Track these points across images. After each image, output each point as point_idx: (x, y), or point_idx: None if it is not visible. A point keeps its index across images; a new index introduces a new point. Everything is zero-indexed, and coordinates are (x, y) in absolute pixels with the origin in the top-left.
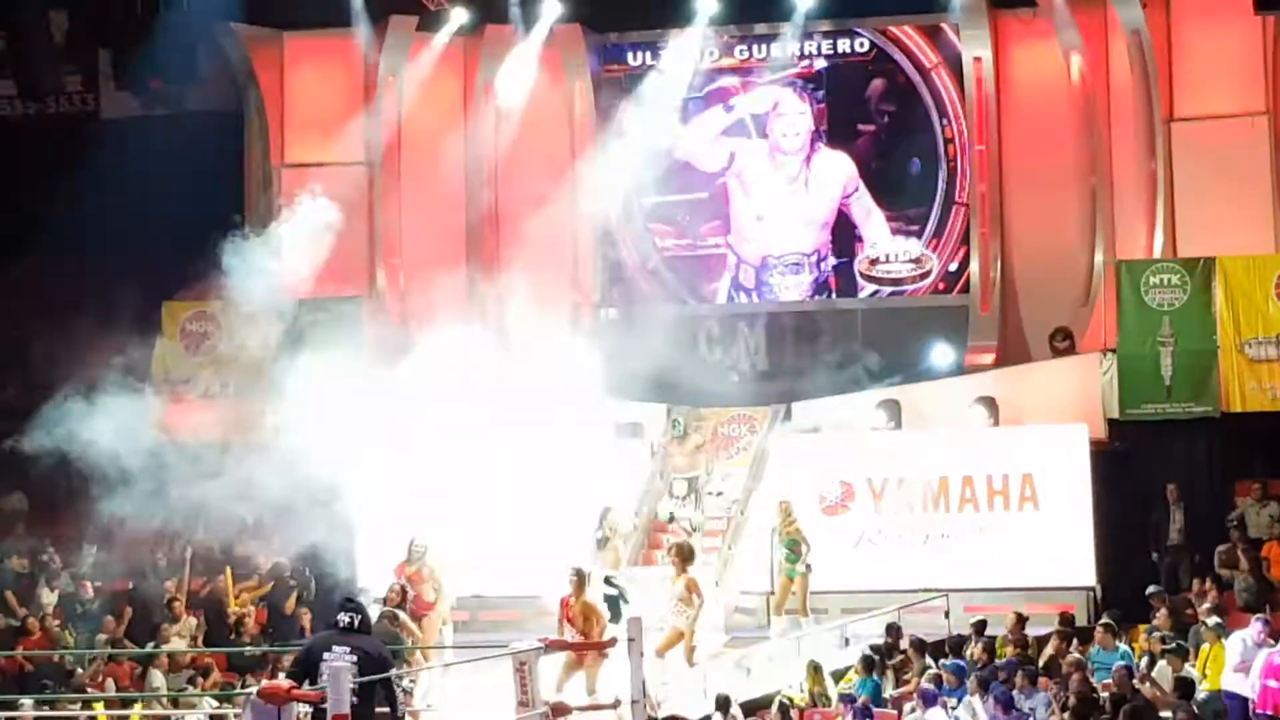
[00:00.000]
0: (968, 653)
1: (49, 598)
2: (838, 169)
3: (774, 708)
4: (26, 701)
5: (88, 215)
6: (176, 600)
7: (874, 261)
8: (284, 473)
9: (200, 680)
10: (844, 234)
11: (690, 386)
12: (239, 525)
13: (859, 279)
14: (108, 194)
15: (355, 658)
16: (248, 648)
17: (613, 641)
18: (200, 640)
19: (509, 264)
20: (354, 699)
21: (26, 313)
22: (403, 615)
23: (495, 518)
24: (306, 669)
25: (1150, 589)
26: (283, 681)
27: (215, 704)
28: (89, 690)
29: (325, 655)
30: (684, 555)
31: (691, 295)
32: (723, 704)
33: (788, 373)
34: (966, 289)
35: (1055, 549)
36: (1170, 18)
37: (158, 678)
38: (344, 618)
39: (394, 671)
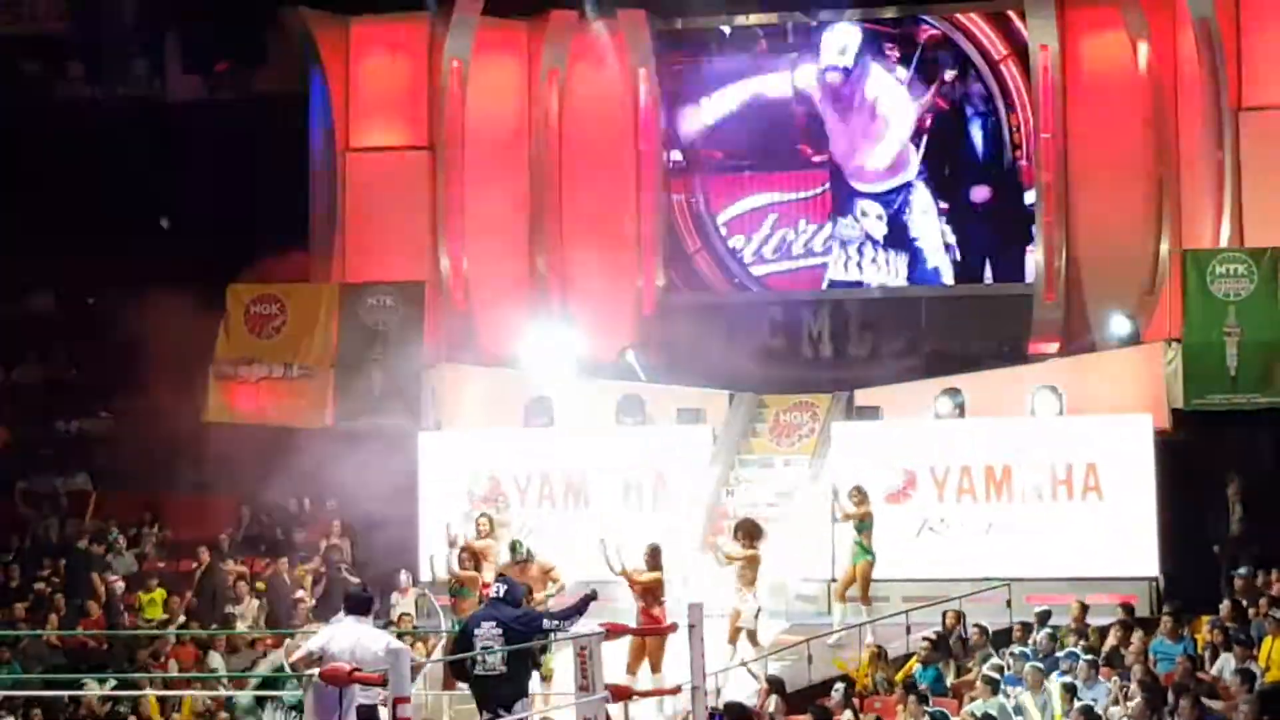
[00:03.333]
0: (1030, 642)
1: (113, 578)
2: (905, 148)
3: (835, 694)
4: (90, 681)
5: (153, 198)
6: (240, 582)
7: (938, 248)
8: (346, 455)
9: (261, 662)
10: (911, 218)
11: (752, 373)
12: (300, 508)
13: (922, 266)
14: (173, 177)
15: (499, 630)
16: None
17: (673, 626)
18: (262, 622)
19: (572, 249)
20: (504, 667)
21: (92, 294)
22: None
23: (558, 504)
24: (466, 644)
25: (1240, 569)
26: (343, 664)
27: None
28: (151, 670)
29: (476, 631)
30: (749, 533)
31: (755, 281)
32: (777, 686)
33: (851, 360)
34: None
35: (1118, 539)
36: (1239, 6)
37: (216, 659)
38: (497, 588)
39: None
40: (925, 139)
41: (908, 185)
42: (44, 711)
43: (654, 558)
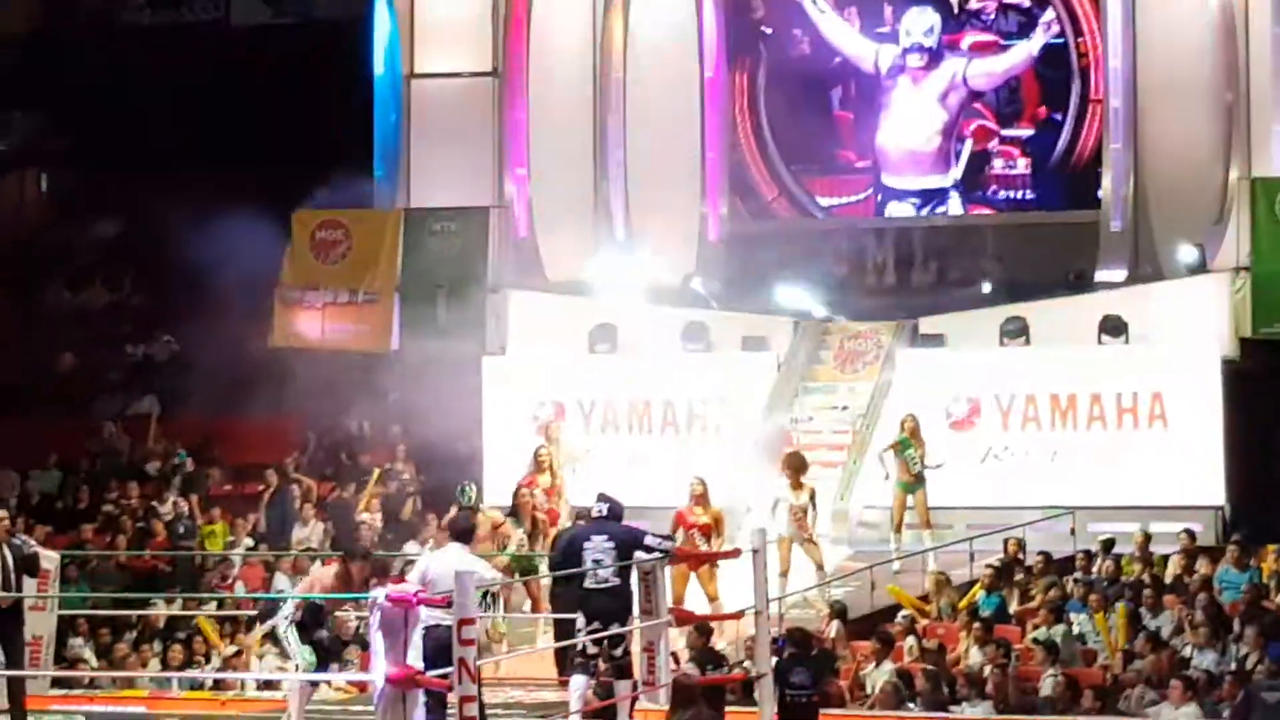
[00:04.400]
0: (1095, 570)
1: (180, 500)
2: (969, 79)
3: (898, 621)
4: (157, 602)
5: (217, 123)
6: (306, 504)
7: (1001, 177)
8: (411, 381)
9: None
10: (975, 148)
11: (816, 300)
12: (365, 433)
13: (990, 193)
14: (238, 102)
15: (612, 544)
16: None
17: (736, 551)
18: (328, 545)
19: (636, 175)
20: (617, 580)
21: (156, 220)
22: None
23: (621, 430)
24: (568, 559)
25: None
26: (409, 586)
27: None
28: (218, 591)
29: (585, 545)
30: (796, 467)
31: (820, 209)
32: (839, 612)
33: (915, 287)
34: (1098, 205)
35: (1184, 467)
36: None
37: (282, 581)
38: (599, 507)
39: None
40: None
41: (975, 113)
42: (112, 631)
43: (704, 488)
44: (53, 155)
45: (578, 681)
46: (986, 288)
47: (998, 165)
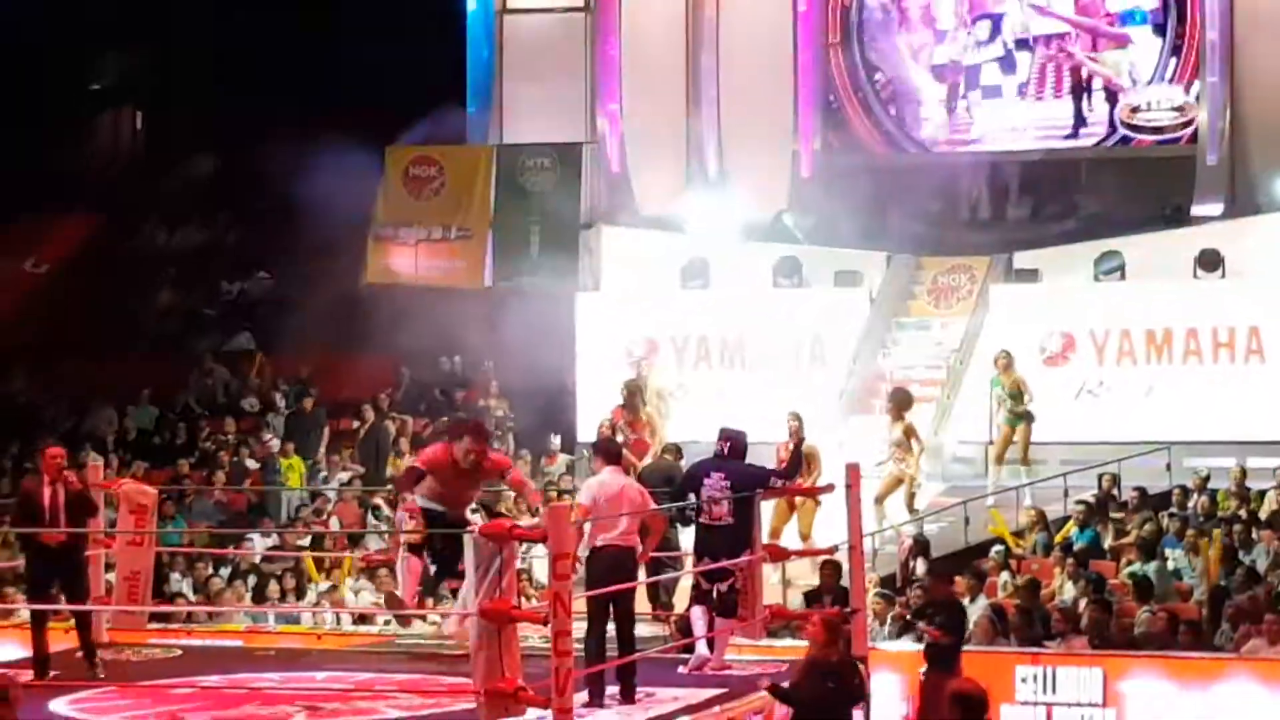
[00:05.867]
0: (1190, 505)
1: (270, 437)
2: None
3: (992, 556)
4: (255, 537)
5: (310, 59)
6: (402, 439)
7: (1135, 109)
8: (504, 317)
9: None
10: (1063, 81)
11: (909, 235)
12: (457, 369)
13: (1081, 128)
14: (330, 38)
15: (729, 482)
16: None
17: (830, 487)
18: None
19: (729, 110)
20: (731, 519)
21: (252, 157)
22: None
23: (714, 366)
24: (688, 491)
25: None
26: (504, 520)
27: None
28: (315, 528)
29: (705, 481)
30: (900, 402)
31: (913, 143)
32: (922, 548)
33: (1009, 222)
34: (1194, 139)
35: None
36: None
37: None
38: (718, 446)
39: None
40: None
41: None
42: (209, 566)
43: (799, 423)
44: (149, 94)
45: (697, 612)
46: (1082, 222)
47: (1128, 98)
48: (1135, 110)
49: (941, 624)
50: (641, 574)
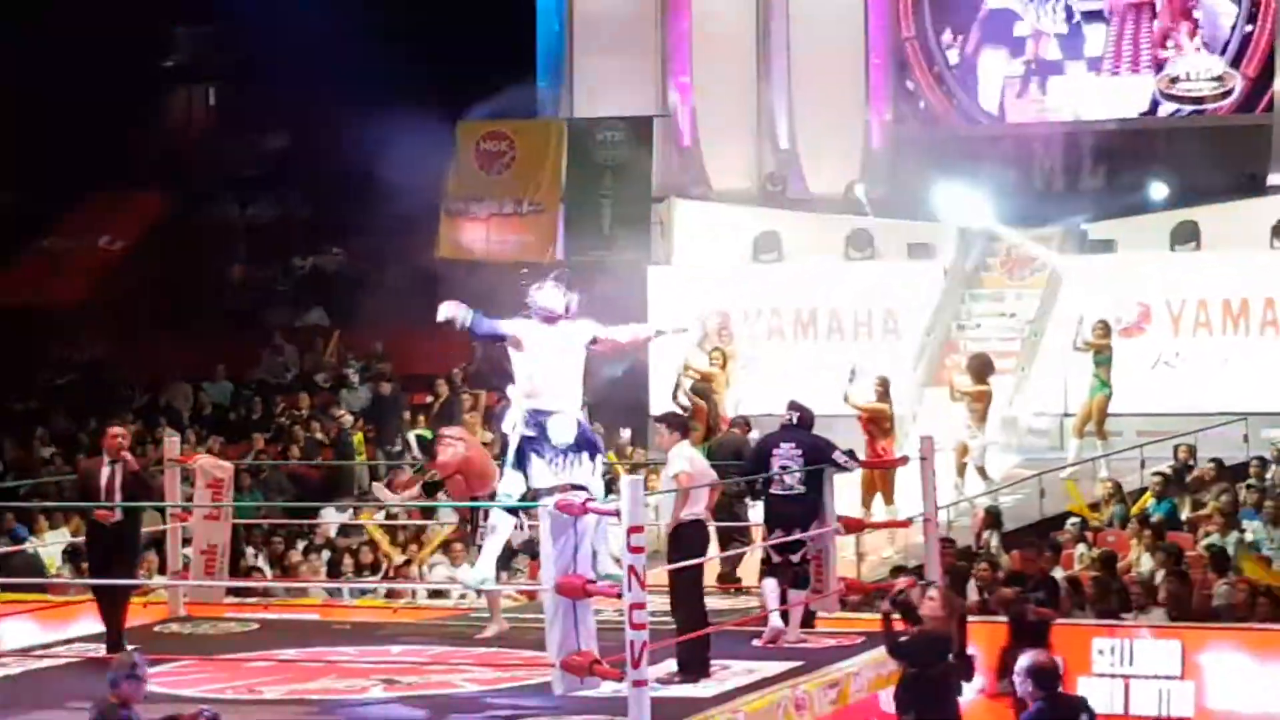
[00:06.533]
0: (1268, 476)
1: (342, 413)
2: None
3: (1068, 528)
4: (328, 511)
5: (383, 34)
6: (474, 412)
7: (1174, 80)
8: (575, 291)
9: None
10: (1140, 51)
11: (983, 207)
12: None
13: (1158, 97)
14: (403, 12)
15: (800, 451)
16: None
17: (904, 459)
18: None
19: (800, 82)
20: (802, 488)
21: (323, 132)
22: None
23: (787, 339)
24: (758, 465)
25: None
26: (577, 495)
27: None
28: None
29: (775, 452)
30: (980, 369)
31: (986, 114)
32: (994, 520)
33: (1083, 193)
34: (1270, 108)
35: None
36: None
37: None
38: (787, 416)
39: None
40: None
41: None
42: (284, 541)
43: (884, 389)
44: (221, 70)
45: (769, 584)
46: (1157, 192)
47: (1169, 68)
48: (1175, 81)
49: (1043, 601)
50: (714, 548)
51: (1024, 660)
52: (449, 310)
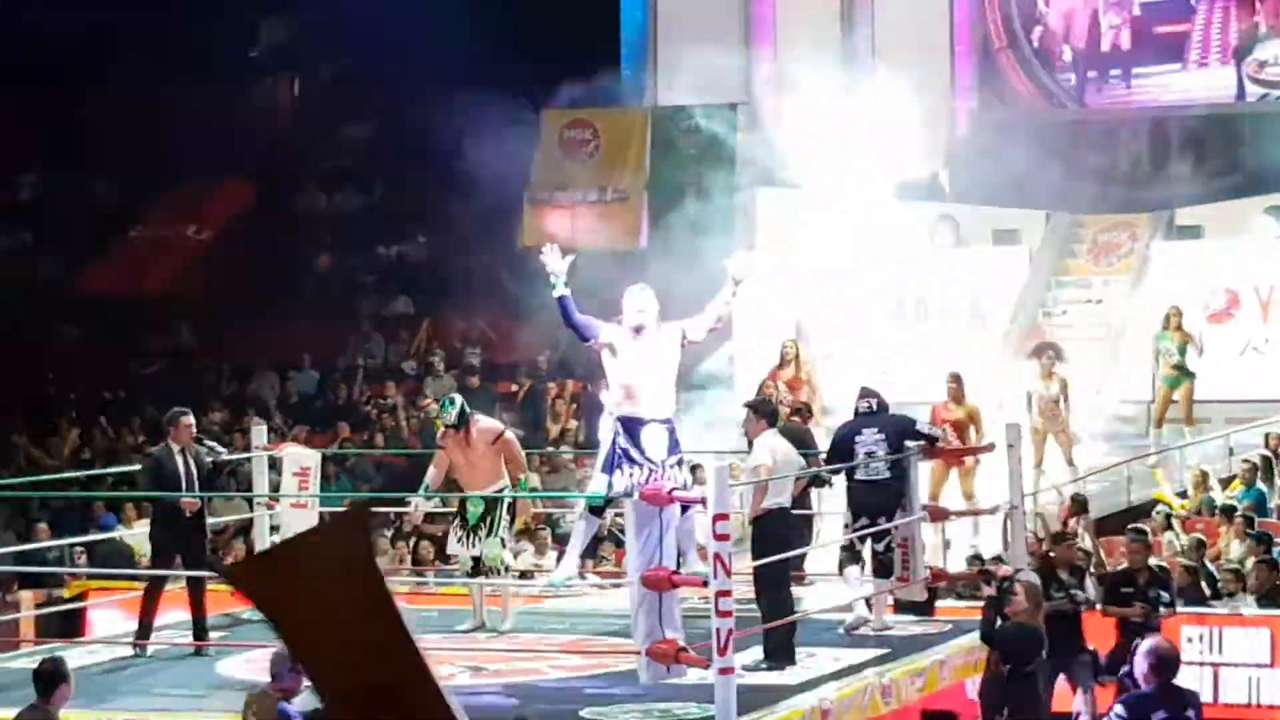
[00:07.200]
0: None
1: (428, 400)
2: None
3: (1155, 515)
4: (416, 499)
5: (465, 23)
6: (559, 401)
7: (1262, 64)
8: (660, 278)
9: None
10: (1229, 35)
11: (1068, 193)
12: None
13: (1246, 82)
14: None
15: (883, 435)
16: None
17: (991, 446)
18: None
19: (884, 68)
20: (888, 474)
21: (408, 121)
22: None
23: (871, 327)
24: (842, 454)
25: None
26: (665, 483)
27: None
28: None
29: (857, 439)
30: (1049, 357)
31: (1070, 97)
32: (1081, 506)
33: (1171, 178)
34: None
35: None
36: None
37: (534, 479)
38: (863, 404)
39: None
40: None
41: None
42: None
43: (959, 385)
44: (306, 60)
45: (853, 573)
46: (1245, 177)
47: (1257, 51)
48: (1263, 65)
49: (1170, 601)
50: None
51: (1148, 643)
52: (553, 260)
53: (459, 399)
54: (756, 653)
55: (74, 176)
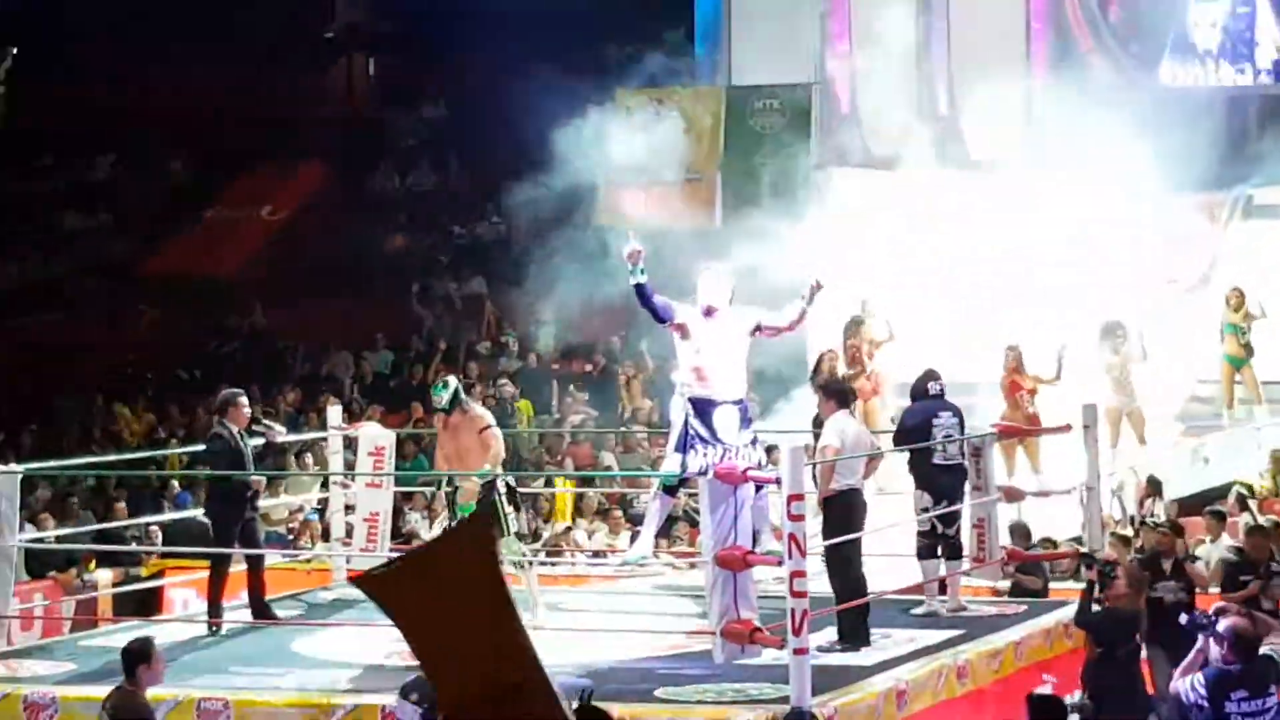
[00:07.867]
0: None
1: (503, 382)
2: None
3: (1231, 497)
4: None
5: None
6: (633, 381)
7: None
8: (733, 258)
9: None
10: None
11: (1145, 172)
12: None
13: None
14: None
15: (957, 420)
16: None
17: (1067, 427)
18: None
19: (959, 47)
20: (960, 458)
21: (481, 101)
22: None
23: (945, 305)
24: (918, 436)
25: None
26: (739, 462)
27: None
28: (546, 467)
29: (935, 421)
30: (1114, 333)
31: (1148, 77)
32: (1156, 489)
33: (1249, 157)
34: None
35: None
36: None
37: (608, 459)
38: (934, 385)
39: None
40: None
41: None
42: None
43: (1018, 359)
44: (380, 40)
45: (930, 566)
46: None
47: None
48: None
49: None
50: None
51: (1226, 622)
52: (632, 248)
53: (453, 382)
54: (831, 633)
55: (150, 158)
